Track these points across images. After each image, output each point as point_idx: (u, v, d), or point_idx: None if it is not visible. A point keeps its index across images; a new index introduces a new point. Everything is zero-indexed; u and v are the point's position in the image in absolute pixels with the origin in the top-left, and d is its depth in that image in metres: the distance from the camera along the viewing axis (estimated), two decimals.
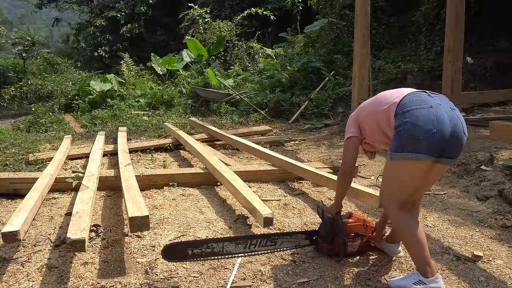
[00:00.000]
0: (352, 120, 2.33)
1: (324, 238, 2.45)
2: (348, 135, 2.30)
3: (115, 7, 19.39)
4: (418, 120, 1.90)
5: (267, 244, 2.43)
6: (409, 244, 2.05)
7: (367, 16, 5.92)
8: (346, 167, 2.34)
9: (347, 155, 2.31)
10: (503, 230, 2.87)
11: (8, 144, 5.94)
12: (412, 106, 1.97)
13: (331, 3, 11.37)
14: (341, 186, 2.43)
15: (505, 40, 8.17)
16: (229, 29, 13.84)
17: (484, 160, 4.00)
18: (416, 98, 2.01)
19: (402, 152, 1.94)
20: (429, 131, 1.88)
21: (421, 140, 1.88)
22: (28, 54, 17.71)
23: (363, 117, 2.28)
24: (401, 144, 1.95)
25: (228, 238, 2.41)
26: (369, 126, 2.24)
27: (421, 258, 2.02)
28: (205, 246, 2.32)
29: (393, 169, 2.04)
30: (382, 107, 2.13)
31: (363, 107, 2.34)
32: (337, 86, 8.67)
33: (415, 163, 1.93)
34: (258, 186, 3.92)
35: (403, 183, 2.03)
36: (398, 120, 1.98)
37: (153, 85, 11.57)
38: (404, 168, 1.98)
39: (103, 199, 3.57)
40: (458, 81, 5.54)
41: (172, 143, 5.70)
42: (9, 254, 2.51)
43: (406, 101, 2.01)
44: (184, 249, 2.30)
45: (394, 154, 1.99)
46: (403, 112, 1.97)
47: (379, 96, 2.26)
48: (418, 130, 1.89)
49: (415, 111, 1.94)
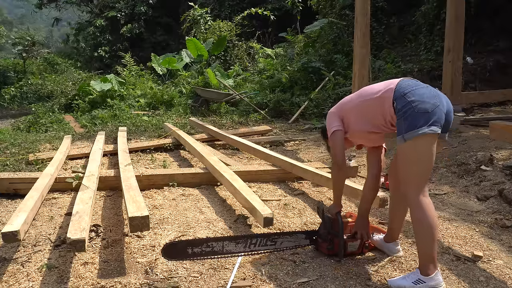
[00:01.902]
0: (333, 115, 2.38)
1: (324, 238, 2.45)
2: (333, 129, 2.32)
3: (115, 7, 19.39)
4: (423, 97, 2.00)
5: (267, 243, 2.43)
6: (423, 237, 2.01)
7: (367, 16, 5.92)
8: (337, 160, 2.34)
9: (336, 148, 2.33)
10: (503, 230, 2.88)
11: (8, 144, 5.94)
12: (411, 87, 2.05)
13: (331, 3, 11.38)
14: (337, 182, 2.43)
15: (505, 40, 8.18)
16: (229, 29, 13.84)
17: (484, 160, 4.00)
18: (410, 82, 2.11)
19: (415, 128, 1.96)
20: (435, 104, 1.99)
21: (430, 113, 1.97)
22: (28, 54, 17.70)
23: (347, 110, 2.32)
24: (412, 121, 1.98)
25: (228, 238, 2.41)
26: (354, 118, 2.28)
27: (428, 255, 2.01)
28: (205, 245, 2.32)
29: (409, 150, 2.02)
30: (372, 96, 2.18)
31: (345, 102, 2.38)
32: (337, 86, 8.67)
33: (430, 136, 1.98)
34: (258, 186, 3.92)
35: (423, 162, 2.02)
36: (401, 102, 2.03)
37: (153, 85, 11.56)
38: (421, 144, 1.99)
39: (103, 199, 3.57)
40: (458, 81, 5.55)
41: (172, 143, 5.70)
42: (9, 254, 2.51)
43: (403, 85, 2.09)
44: (184, 248, 2.30)
45: (407, 134, 1.99)
46: (405, 94, 2.03)
47: (363, 90, 2.31)
48: (427, 104, 1.98)
49: (416, 90, 2.03)
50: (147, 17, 19.24)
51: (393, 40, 10.31)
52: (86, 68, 17.89)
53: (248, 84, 10.79)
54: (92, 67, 18.89)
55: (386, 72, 8.44)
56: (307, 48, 11.00)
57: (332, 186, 2.53)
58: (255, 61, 13.06)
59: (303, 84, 9.19)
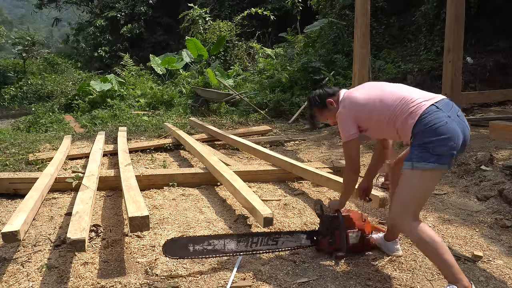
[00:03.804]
0: (348, 119, 2.27)
1: (325, 233, 2.45)
2: (350, 137, 2.27)
3: (115, 7, 19.36)
4: (443, 141, 1.97)
5: (269, 243, 2.42)
6: (436, 255, 1.97)
7: (367, 16, 5.92)
8: (353, 165, 2.35)
9: (353, 154, 2.32)
10: (503, 230, 2.88)
11: (8, 144, 5.93)
12: (435, 124, 1.98)
13: (331, 3, 11.38)
14: (349, 185, 2.43)
15: (505, 40, 8.18)
16: (229, 29, 13.83)
17: (484, 160, 4.00)
18: (437, 115, 2.01)
19: (426, 161, 1.98)
20: (451, 147, 1.97)
21: (444, 156, 1.98)
22: (28, 54, 17.66)
23: (366, 116, 2.23)
24: (425, 155, 1.98)
25: (230, 235, 2.41)
26: (373, 126, 2.25)
27: (449, 266, 1.94)
28: (206, 243, 2.31)
29: (415, 178, 2.02)
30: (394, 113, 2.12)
31: (360, 107, 2.25)
32: (337, 86, 8.68)
33: (438, 172, 2.02)
34: (258, 186, 3.92)
35: (424, 192, 2.07)
36: (419, 137, 2.01)
37: (153, 85, 11.57)
38: (427, 176, 2.01)
39: (103, 199, 3.57)
40: (458, 81, 5.54)
41: (172, 143, 5.70)
42: (9, 254, 2.51)
43: (427, 119, 2.00)
44: (185, 245, 2.29)
45: (417, 163, 1.99)
46: (425, 130, 1.99)
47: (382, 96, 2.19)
48: (443, 148, 1.97)
49: (439, 129, 1.97)
50: (147, 17, 19.22)
51: (393, 40, 10.31)
52: (86, 68, 17.88)
53: (248, 84, 10.79)
54: (92, 67, 18.87)
55: (386, 72, 8.45)
56: (307, 48, 11.00)
57: (343, 189, 2.51)
58: (255, 61, 13.05)
59: (303, 84, 9.19)
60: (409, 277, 2.27)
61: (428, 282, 2.22)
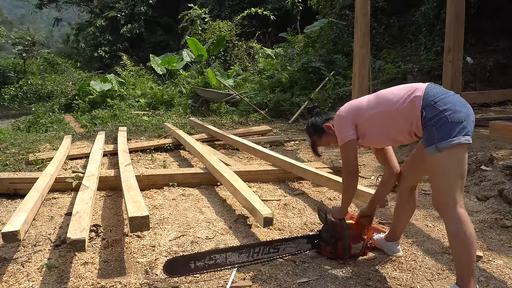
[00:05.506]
0: (346, 121, 2.23)
1: (327, 242, 2.44)
2: (347, 138, 2.20)
3: (115, 7, 19.37)
4: (455, 105, 1.92)
5: (270, 251, 2.40)
6: (463, 250, 1.90)
7: (367, 16, 5.91)
8: (352, 168, 2.27)
9: (350, 157, 2.25)
10: (503, 230, 2.87)
11: (8, 144, 5.94)
12: (441, 95, 1.96)
13: (331, 3, 11.38)
14: (349, 189, 2.34)
15: (505, 40, 8.18)
16: (229, 29, 13.84)
17: (484, 160, 4.00)
18: (438, 89, 2.01)
19: (450, 138, 1.88)
20: (467, 113, 1.93)
21: (463, 122, 1.91)
22: (28, 54, 17.66)
23: (364, 119, 2.18)
24: (446, 131, 1.89)
25: (231, 248, 2.37)
26: (372, 130, 2.18)
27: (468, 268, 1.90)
28: (208, 258, 2.28)
29: (444, 161, 1.92)
30: (395, 106, 2.06)
31: (359, 107, 2.22)
32: (337, 86, 8.68)
33: (465, 146, 1.91)
34: (258, 186, 3.92)
35: (459, 172, 1.92)
36: (432, 111, 1.93)
37: (153, 85, 11.57)
38: (455, 154, 1.90)
39: (103, 199, 3.57)
40: (458, 81, 5.54)
41: (172, 143, 5.70)
42: (9, 254, 2.51)
43: (431, 93, 1.98)
44: (186, 263, 2.26)
45: (440, 144, 1.89)
46: (435, 102, 1.94)
47: (381, 97, 2.17)
48: (460, 114, 1.91)
49: (447, 98, 1.95)
50: (147, 17, 19.23)
51: (393, 40, 10.31)
52: (86, 68, 17.89)
53: (248, 84, 10.79)
54: (92, 67, 18.88)
55: (386, 72, 8.45)
56: (307, 48, 11.01)
57: (342, 193, 2.43)
58: (255, 61, 13.06)
59: (303, 84, 9.19)
60: (409, 277, 2.27)
61: (428, 282, 2.22)
